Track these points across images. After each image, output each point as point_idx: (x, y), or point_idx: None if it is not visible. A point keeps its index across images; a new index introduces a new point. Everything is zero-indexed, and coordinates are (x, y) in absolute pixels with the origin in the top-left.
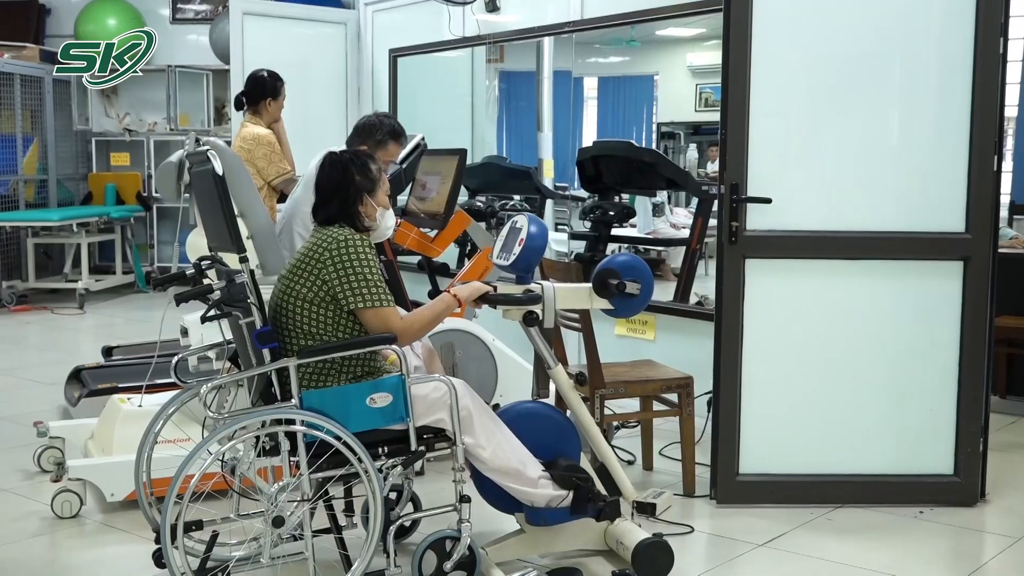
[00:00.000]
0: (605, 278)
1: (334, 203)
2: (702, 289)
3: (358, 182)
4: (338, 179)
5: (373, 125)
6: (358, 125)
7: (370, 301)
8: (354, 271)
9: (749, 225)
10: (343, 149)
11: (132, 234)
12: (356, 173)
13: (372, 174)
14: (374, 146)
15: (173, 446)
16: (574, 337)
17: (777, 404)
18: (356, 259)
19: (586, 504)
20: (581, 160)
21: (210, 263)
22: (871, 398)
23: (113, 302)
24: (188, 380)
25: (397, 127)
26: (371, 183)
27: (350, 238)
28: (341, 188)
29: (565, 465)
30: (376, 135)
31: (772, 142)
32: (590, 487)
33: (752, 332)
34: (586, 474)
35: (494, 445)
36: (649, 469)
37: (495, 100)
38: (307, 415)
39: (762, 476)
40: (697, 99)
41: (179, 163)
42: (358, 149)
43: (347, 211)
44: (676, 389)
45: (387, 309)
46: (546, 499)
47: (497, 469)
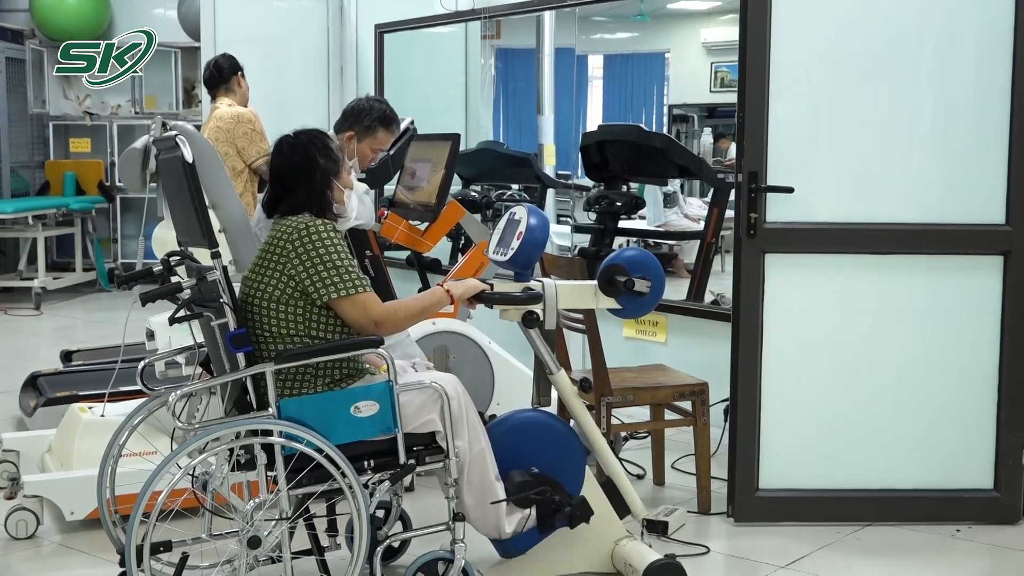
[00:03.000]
0: (612, 275)
1: (299, 191)
2: (718, 287)
3: (323, 165)
4: (300, 164)
5: (362, 110)
6: (346, 109)
7: (343, 289)
8: (321, 259)
9: (769, 217)
10: (298, 131)
11: (93, 227)
12: (319, 155)
13: (334, 153)
14: (361, 132)
15: (139, 460)
16: (578, 340)
17: (800, 413)
18: (321, 246)
19: (552, 517)
20: (585, 146)
21: (179, 259)
22: (903, 406)
23: (73, 302)
24: (155, 387)
25: (389, 112)
26: (335, 164)
27: (310, 224)
28: (306, 174)
29: (517, 482)
30: (364, 120)
31: (794, 126)
32: (549, 497)
33: (773, 334)
34: (540, 484)
35: (476, 451)
36: (660, 484)
37: (491, 80)
38: (285, 425)
39: (784, 491)
40: (712, 79)
41: (145, 150)
42: (314, 129)
43: (315, 198)
44: (690, 396)
45: (364, 295)
46: (512, 526)
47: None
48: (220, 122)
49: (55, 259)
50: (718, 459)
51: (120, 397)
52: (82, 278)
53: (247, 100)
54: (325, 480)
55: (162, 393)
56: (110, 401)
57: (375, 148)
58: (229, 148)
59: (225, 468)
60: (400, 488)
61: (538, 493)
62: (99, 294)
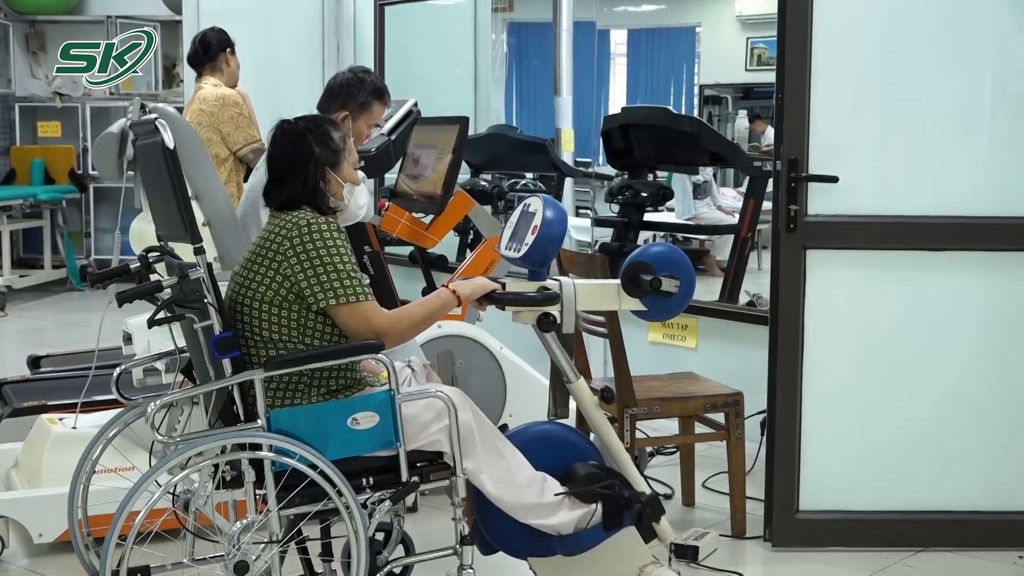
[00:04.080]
0: (636, 273)
1: (292, 182)
2: (754, 286)
3: (318, 155)
4: (294, 153)
5: (353, 85)
6: (332, 86)
7: (343, 296)
8: (321, 262)
9: (811, 209)
10: (299, 116)
11: (64, 220)
12: (315, 144)
13: (334, 143)
14: (357, 109)
15: (114, 476)
16: (599, 345)
17: (846, 426)
18: (323, 247)
19: (621, 514)
20: (607, 130)
21: (159, 255)
22: (960, 419)
23: (41, 302)
24: (132, 396)
25: (379, 83)
26: (333, 155)
27: (313, 222)
28: (299, 164)
29: (583, 475)
30: (359, 96)
31: (839, 108)
32: (619, 491)
33: (815, 339)
34: (608, 478)
35: (501, 471)
36: (690, 505)
37: (503, 58)
38: (276, 439)
39: (827, 514)
40: (748, 56)
41: (121, 134)
42: (317, 115)
43: (308, 191)
44: (723, 408)
45: (365, 304)
46: (573, 523)
47: (506, 502)
48: (204, 104)
49: (21, 255)
50: (754, 477)
51: (93, 407)
52: (51, 276)
53: (236, 80)
54: (319, 499)
55: (140, 403)
56: (82, 412)
57: (371, 124)
58: (213, 134)
59: (209, 486)
60: (402, 508)
61: (605, 487)
62: (70, 293)
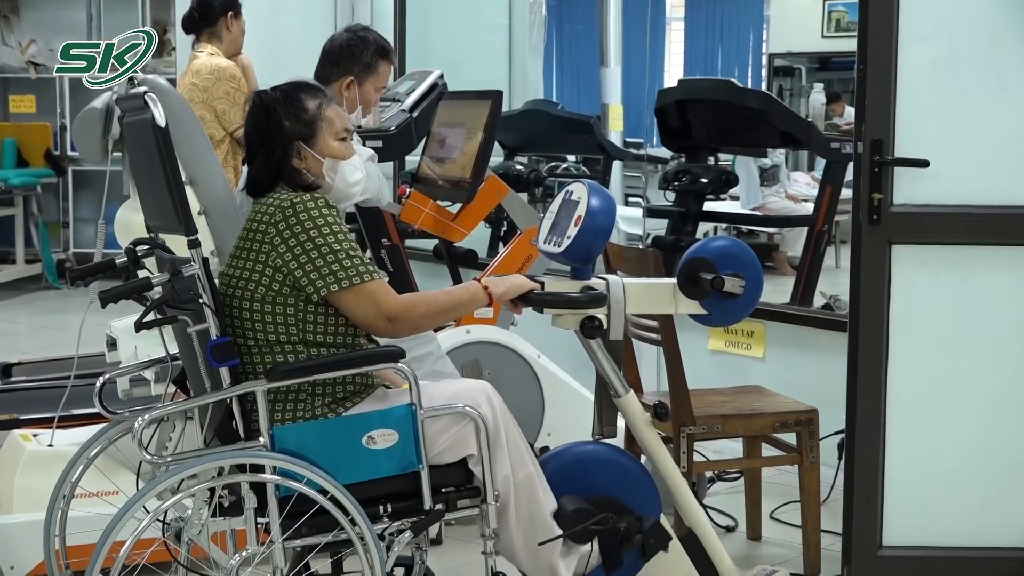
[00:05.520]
0: (695, 271)
1: (259, 161)
2: (831, 287)
3: (288, 128)
4: (264, 130)
5: (354, 46)
6: (330, 50)
7: (345, 279)
8: (314, 244)
9: (897, 198)
10: (276, 86)
11: (39, 208)
12: (284, 117)
13: (307, 114)
14: (362, 73)
15: (96, 501)
16: (651, 354)
17: (937, 449)
18: (312, 227)
19: (619, 550)
20: (662, 106)
21: (148, 248)
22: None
23: (13, 301)
24: (117, 410)
25: (383, 41)
26: (306, 126)
27: (297, 201)
28: (267, 140)
29: (571, 511)
30: (363, 57)
31: (930, 82)
32: (612, 526)
33: (901, 348)
34: (599, 513)
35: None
36: (756, 539)
37: (541, 23)
38: (281, 460)
39: (914, 550)
40: (825, 21)
41: (105, 110)
42: (297, 82)
43: (277, 169)
44: (794, 427)
45: (372, 284)
46: (571, 569)
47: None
48: (197, 78)
49: None
50: (830, 507)
51: (72, 422)
52: (24, 272)
53: (238, 48)
54: (330, 529)
55: (125, 417)
56: (60, 427)
57: (379, 88)
58: (206, 112)
59: (204, 513)
60: (424, 540)
61: (598, 523)
62: (46, 292)
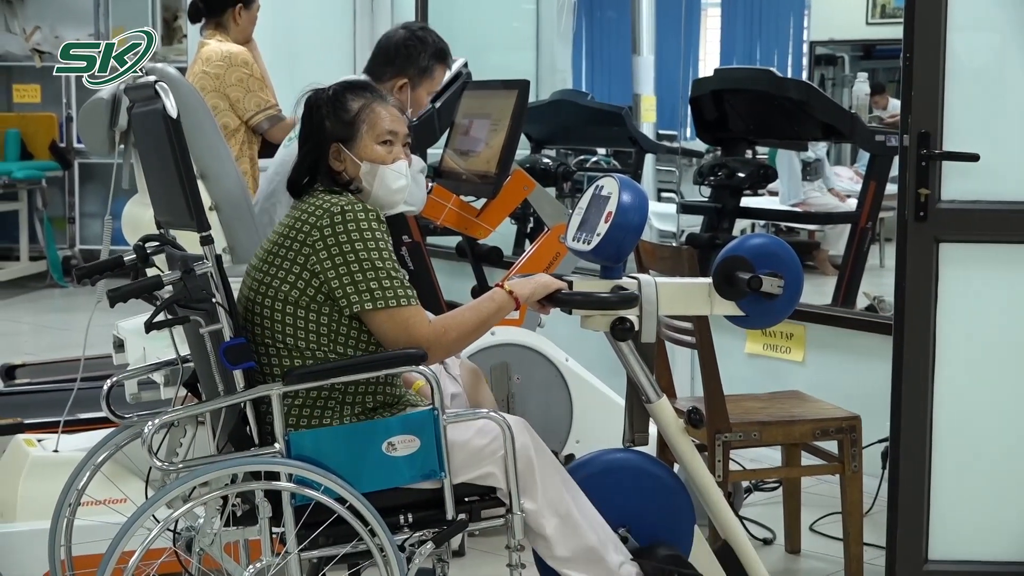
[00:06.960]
0: (732, 270)
1: (304, 161)
2: (875, 287)
3: (328, 128)
4: (305, 126)
5: (412, 46)
6: (387, 47)
7: (381, 300)
8: (356, 257)
9: (945, 194)
10: (335, 83)
11: (44, 203)
12: (326, 117)
13: (348, 115)
14: (418, 76)
15: (104, 510)
16: (686, 357)
17: (985, 458)
18: (359, 238)
19: None
20: (697, 97)
21: (157, 245)
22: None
23: (17, 300)
24: (125, 414)
25: (442, 43)
26: (345, 127)
27: (348, 209)
28: (308, 139)
29: (664, 556)
30: (419, 60)
31: (980, 71)
32: None
33: (949, 351)
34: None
35: (563, 514)
36: (795, 552)
37: (570, 9)
38: (297, 466)
39: (961, 564)
40: (870, 7)
41: (113, 101)
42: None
43: (313, 169)
44: (835, 435)
45: (407, 310)
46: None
47: (562, 553)
48: (207, 65)
49: None
50: (873, 519)
51: (79, 427)
52: (29, 269)
53: (248, 37)
54: (348, 540)
55: (134, 422)
56: (65, 432)
57: (431, 92)
58: (220, 100)
59: (216, 522)
60: (447, 552)
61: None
62: (51, 290)
